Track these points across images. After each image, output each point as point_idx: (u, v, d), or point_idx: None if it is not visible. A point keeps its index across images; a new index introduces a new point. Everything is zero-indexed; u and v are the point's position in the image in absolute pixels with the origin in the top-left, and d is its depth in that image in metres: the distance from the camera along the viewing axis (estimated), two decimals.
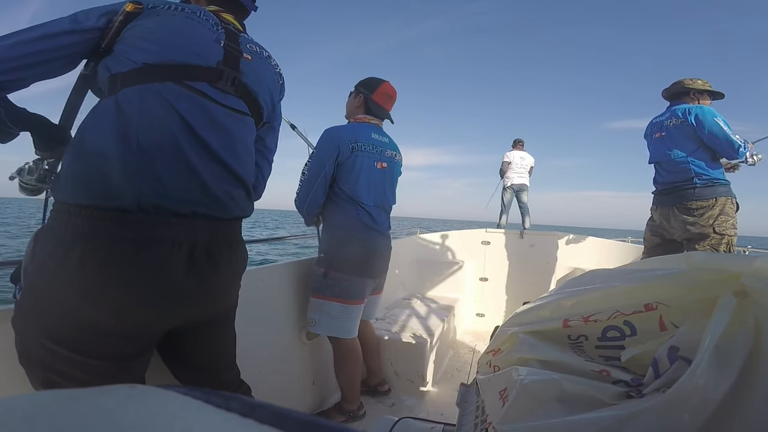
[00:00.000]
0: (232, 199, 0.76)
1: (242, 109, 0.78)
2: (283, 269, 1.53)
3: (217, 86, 0.72)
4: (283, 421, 0.16)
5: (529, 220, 4.47)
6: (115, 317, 0.63)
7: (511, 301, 3.10)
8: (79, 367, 0.62)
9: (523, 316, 0.69)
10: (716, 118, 1.83)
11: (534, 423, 0.45)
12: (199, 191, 0.69)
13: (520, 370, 0.54)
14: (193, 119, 0.68)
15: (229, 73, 0.74)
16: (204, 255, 0.70)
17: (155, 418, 0.15)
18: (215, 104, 0.72)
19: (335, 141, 1.46)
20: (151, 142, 0.64)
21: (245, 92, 0.78)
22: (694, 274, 0.47)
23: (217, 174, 0.72)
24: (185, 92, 0.68)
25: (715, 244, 1.78)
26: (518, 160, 4.57)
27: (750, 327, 0.39)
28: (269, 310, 1.42)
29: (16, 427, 0.14)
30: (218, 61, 0.73)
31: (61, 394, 0.17)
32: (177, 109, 0.67)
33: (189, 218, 0.68)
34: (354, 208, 1.49)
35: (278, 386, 1.42)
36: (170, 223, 0.65)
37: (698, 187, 1.84)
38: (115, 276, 0.61)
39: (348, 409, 1.57)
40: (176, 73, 0.68)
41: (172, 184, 0.66)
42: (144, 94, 0.65)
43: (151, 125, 0.64)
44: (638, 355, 0.50)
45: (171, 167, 0.66)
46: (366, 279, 1.53)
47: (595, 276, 0.62)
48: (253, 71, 0.80)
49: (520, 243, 3.24)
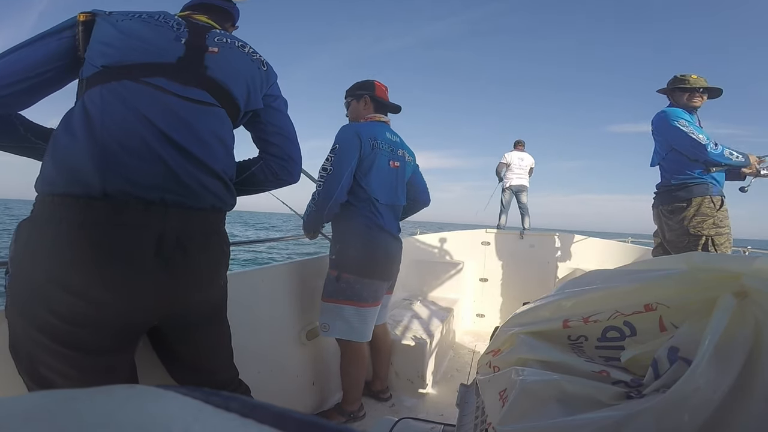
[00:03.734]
0: (204, 188, 0.76)
1: (208, 100, 0.79)
2: (283, 269, 1.53)
3: (175, 80, 0.75)
4: (283, 421, 0.16)
5: (528, 220, 4.46)
6: (83, 301, 0.64)
7: (511, 302, 3.10)
8: (59, 358, 0.64)
9: (523, 317, 0.69)
10: (676, 121, 1.84)
11: (534, 423, 0.45)
12: (166, 178, 0.71)
13: (519, 370, 0.54)
14: (150, 112, 0.71)
15: (189, 68, 0.77)
16: (173, 243, 0.71)
17: (155, 418, 0.15)
18: (173, 96, 0.74)
19: (358, 137, 1.42)
20: (114, 134, 0.67)
21: (212, 84, 0.80)
22: (693, 275, 0.47)
23: (182, 162, 0.73)
24: (142, 87, 0.72)
25: (691, 245, 1.80)
26: (517, 161, 4.56)
27: (750, 327, 0.39)
28: (269, 310, 1.42)
29: (16, 427, 0.14)
30: (178, 57, 0.77)
31: (61, 395, 0.17)
32: (134, 104, 0.70)
33: (158, 205, 0.69)
34: (368, 208, 1.47)
35: (278, 386, 1.42)
36: (137, 208, 0.67)
37: (673, 190, 1.89)
38: (81, 259, 0.63)
39: (348, 410, 1.57)
40: (133, 71, 0.72)
41: (138, 171, 0.68)
42: (103, 93, 0.69)
43: (112, 120, 0.68)
44: (638, 355, 0.50)
45: (135, 155, 0.68)
46: (380, 281, 1.52)
47: (595, 276, 0.62)
48: (220, 63, 0.82)
49: (520, 243, 3.24)
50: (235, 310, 0.93)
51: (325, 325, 1.48)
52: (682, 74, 1.96)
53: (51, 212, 0.64)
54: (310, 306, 1.66)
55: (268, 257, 13.18)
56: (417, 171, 1.76)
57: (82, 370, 0.66)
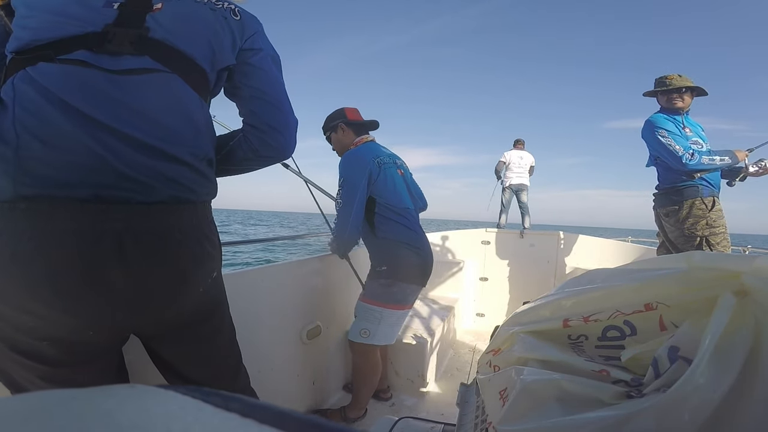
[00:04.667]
0: (159, 178, 0.63)
1: (150, 66, 0.65)
2: (283, 269, 1.53)
3: (103, 51, 0.62)
4: (283, 421, 0.16)
5: (529, 219, 4.46)
6: (27, 315, 0.58)
7: (511, 301, 3.11)
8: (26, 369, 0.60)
9: (523, 316, 0.69)
10: (657, 131, 1.85)
11: (534, 423, 0.45)
12: (99, 171, 0.59)
13: (520, 369, 0.54)
14: (67, 94, 0.59)
15: (122, 33, 0.64)
16: (117, 248, 0.59)
17: (154, 418, 0.15)
18: (99, 71, 0.61)
19: (363, 164, 1.49)
20: (29, 130, 0.57)
21: (156, 47, 0.66)
22: (693, 274, 0.46)
23: (121, 148, 0.60)
24: (56, 67, 0.60)
25: (687, 246, 1.83)
26: (517, 160, 4.55)
27: (750, 326, 0.39)
28: (269, 310, 1.42)
29: (16, 427, 0.14)
30: (106, 24, 0.63)
31: (61, 395, 0.17)
32: (49, 88, 0.58)
33: (92, 203, 0.58)
34: (401, 218, 1.54)
35: (278, 386, 1.42)
36: (66, 211, 0.57)
37: (666, 193, 1.92)
38: (10, 272, 0.56)
39: (353, 417, 1.58)
40: (46, 51, 0.60)
41: (62, 167, 0.57)
42: (16, 83, 0.59)
43: (27, 113, 0.58)
44: (638, 354, 0.50)
45: (56, 148, 0.58)
46: (420, 286, 1.58)
47: (595, 276, 0.62)
48: (166, 21, 0.68)
49: (520, 243, 3.24)
50: (235, 310, 0.92)
51: (365, 331, 1.50)
52: (663, 75, 1.95)
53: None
54: (310, 306, 1.66)
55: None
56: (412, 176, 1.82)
57: (52, 382, 0.61)
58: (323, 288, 1.78)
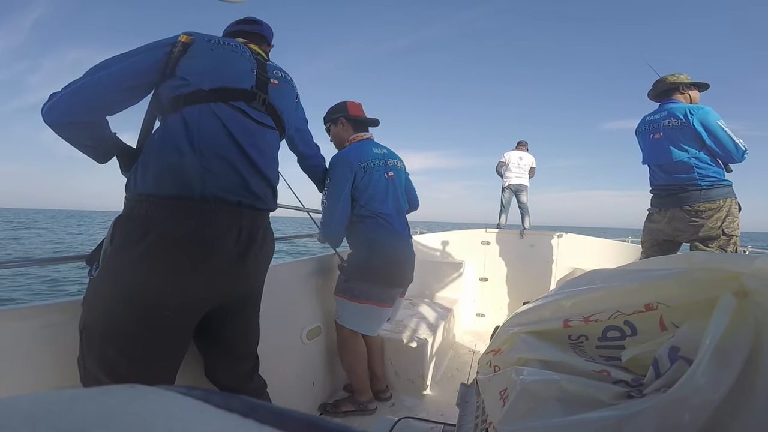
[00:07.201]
0: (265, 195, 0.95)
1: (269, 123, 0.97)
2: (283, 269, 1.53)
3: (252, 105, 0.92)
4: (284, 421, 0.16)
5: (528, 220, 4.46)
6: (176, 280, 0.78)
7: (511, 301, 3.10)
8: (143, 323, 0.76)
9: (524, 316, 0.69)
10: (719, 120, 1.79)
11: (534, 423, 0.45)
12: (242, 186, 0.88)
13: (520, 370, 0.54)
14: (235, 131, 0.87)
15: (260, 95, 0.94)
16: (247, 237, 0.89)
17: (155, 419, 0.15)
18: (249, 120, 0.91)
19: (348, 167, 1.52)
20: (208, 148, 0.83)
21: (272, 110, 0.98)
22: (694, 274, 0.46)
23: (252, 173, 0.91)
24: (229, 110, 0.88)
25: (723, 244, 1.77)
26: (516, 160, 4.55)
27: (750, 327, 0.39)
28: (269, 310, 1.42)
29: (16, 427, 0.14)
30: (252, 86, 0.93)
31: (62, 394, 0.17)
32: (224, 122, 0.86)
33: (236, 207, 0.87)
34: (376, 221, 1.57)
35: (278, 386, 1.42)
36: (224, 210, 0.84)
37: (704, 189, 1.81)
38: (179, 249, 0.78)
39: (359, 400, 1.64)
40: (223, 94, 0.87)
41: (224, 180, 0.85)
42: (201, 111, 0.84)
43: (207, 135, 0.83)
44: (639, 355, 0.50)
45: (223, 166, 0.85)
46: (392, 288, 1.60)
47: (596, 276, 0.62)
48: (278, 94, 1.01)
49: (520, 243, 3.24)
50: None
51: (338, 315, 1.63)
52: (673, 74, 1.95)
53: (153, 210, 0.77)
54: (310, 306, 1.66)
55: None
56: (407, 176, 1.82)
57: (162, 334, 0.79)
58: (323, 288, 1.78)
